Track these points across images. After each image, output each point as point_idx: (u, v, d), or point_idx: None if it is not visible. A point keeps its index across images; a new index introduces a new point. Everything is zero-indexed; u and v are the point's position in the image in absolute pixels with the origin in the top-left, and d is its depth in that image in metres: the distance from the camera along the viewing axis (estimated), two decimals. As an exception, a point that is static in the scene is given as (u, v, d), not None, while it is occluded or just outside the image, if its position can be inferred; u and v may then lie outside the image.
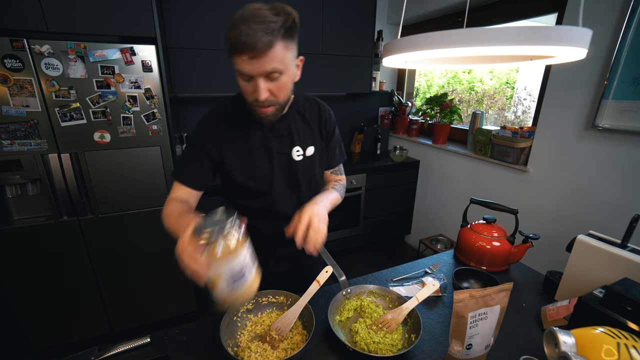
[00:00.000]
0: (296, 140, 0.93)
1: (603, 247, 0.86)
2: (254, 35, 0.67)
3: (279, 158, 0.92)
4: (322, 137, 0.99)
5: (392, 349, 0.76)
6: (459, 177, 2.43)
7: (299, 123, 0.95)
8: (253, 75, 0.73)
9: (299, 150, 0.94)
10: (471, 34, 0.52)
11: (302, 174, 0.96)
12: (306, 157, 0.95)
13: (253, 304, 0.87)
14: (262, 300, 0.88)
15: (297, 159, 0.94)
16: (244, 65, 0.71)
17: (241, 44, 0.68)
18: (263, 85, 0.74)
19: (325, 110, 1.01)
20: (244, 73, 0.73)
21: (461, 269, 1.06)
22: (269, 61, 0.71)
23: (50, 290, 1.66)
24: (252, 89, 0.76)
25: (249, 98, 0.79)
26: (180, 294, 1.95)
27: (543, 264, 1.73)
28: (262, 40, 0.67)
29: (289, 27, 0.71)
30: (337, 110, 2.90)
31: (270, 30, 0.68)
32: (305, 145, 0.95)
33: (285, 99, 0.83)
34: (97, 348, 0.77)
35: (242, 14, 0.70)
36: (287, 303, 0.88)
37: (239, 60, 0.71)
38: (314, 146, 0.96)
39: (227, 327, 0.78)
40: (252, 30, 0.67)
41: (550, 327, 0.64)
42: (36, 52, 1.36)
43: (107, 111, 1.53)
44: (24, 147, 1.44)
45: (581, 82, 1.59)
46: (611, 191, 1.55)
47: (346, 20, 2.37)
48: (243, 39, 0.67)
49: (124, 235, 1.72)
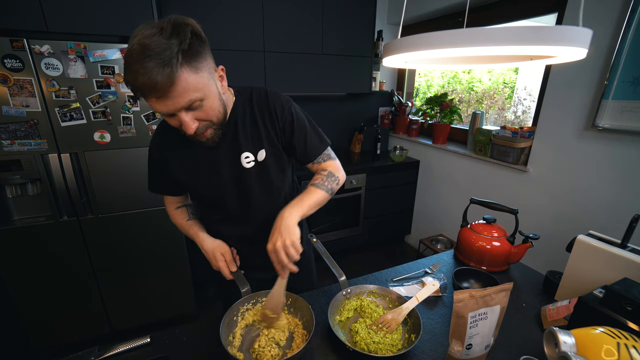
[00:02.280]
0: (244, 146, 0.83)
1: (603, 247, 0.86)
2: (149, 75, 0.58)
3: (227, 168, 0.85)
4: (277, 133, 0.86)
5: (392, 349, 0.76)
6: (459, 177, 2.43)
7: (245, 124, 0.84)
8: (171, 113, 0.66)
9: (249, 156, 0.84)
10: (471, 34, 0.52)
11: (257, 181, 0.87)
12: (258, 162, 0.86)
13: (253, 304, 0.87)
14: (262, 300, 0.88)
15: (247, 167, 0.85)
16: (156, 107, 0.64)
17: (140, 87, 0.60)
18: (186, 117, 0.67)
19: (275, 100, 0.85)
20: (162, 113, 0.66)
21: (461, 269, 1.06)
22: (180, 96, 0.63)
23: (50, 290, 1.65)
24: (178, 123, 0.69)
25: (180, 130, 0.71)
26: (180, 294, 1.95)
27: (543, 264, 1.74)
28: (161, 77, 0.58)
29: (188, 48, 0.61)
30: (337, 110, 2.90)
31: (167, 62, 0.58)
32: (255, 150, 0.85)
33: (221, 118, 0.75)
34: (97, 348, 0.77)
35: (131, 49, 0.59)
36: (287, 303, 0.88)
37: (149, 102, 0.64)
38: (265, 149, 0.85)
39: (227, 327, 0.78)
40: (147, 69, 0.57)
41: (550, 327, 0.64)
42: (36, 52, 1.35)
43: (107, 111, 1.53)
44: (24, 147, 1.44)
45: (581, 82, 1.59)
46: (611, 191, 1.55)
47: (346, 20, 2.37)
48: (140, 81, 0.59)
49: (124, 235, 1.72)
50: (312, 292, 1.01)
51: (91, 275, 1.71)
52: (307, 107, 2.74)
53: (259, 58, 2.17)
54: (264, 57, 2.18)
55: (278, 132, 0.86)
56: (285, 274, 0.77)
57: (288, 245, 0.73)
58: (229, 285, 0.90)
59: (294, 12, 2.18)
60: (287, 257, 0.73)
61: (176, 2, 1.84)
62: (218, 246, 0.89)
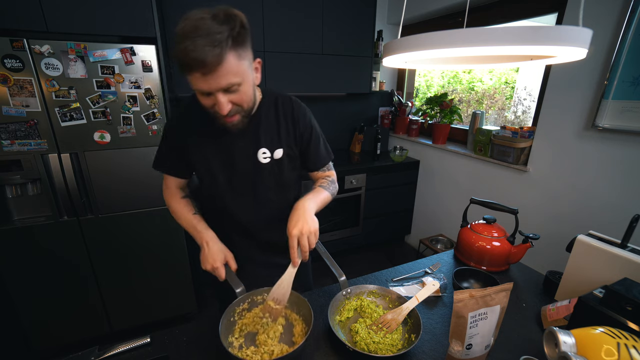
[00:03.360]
0: (263, 142, 0.89)
1: (603, 247, 0.86)
2: (200, 52, 0.62)
3: (243, 160, 0.88)
4: (296, 138, 0.93)
5: (392, 349, 0.76)
6: (459, 177, 2.43)
7: (268, 123, 0.89)
8: (210, 91, 0.70)
9: (266, 152, 0.89)
10: (471, 34, 0.52)
11: (269, 177, 0.92)
12: (274, 159, 0.90)
13: (248, 302, 0.86)
14: (257, 299, 0.87)
15: (263, 162, 0.89)
16: (198, 83, 0.68)
17: (189, 62, 0.64)
18: (223, 99, 0.71)
19: (299, 108, 0.93)
20: (200, 91, 0.70)
21: (461, 269, 1.06)
22: (223, 76, 0.67)
23: (50, 290, 1.65)
24: (212, 102, 0.73)
25: (211, 110, 0.76)
26: (180, 294, 1.95)
27: (543, 264, 1.73)
28: (210, 56, 0.63)
29: (237, 35, 0.66)
30: (337, 110, 2.90)
31: (217, 43, 0.63)
32: (272, 148, 0.90)
33: (250, 105, 0.80)
34: (97, 348, 0.77)
35: (183, 28, 0.64)
36: None
37: (191, 79, 0.68)
38: (283, 149, 0.91)
39: (226, 329, 0.78)
40: (198, 45, 0.62)
41: (550, 327, 0.64)
42: (36, 52, 1.35)
43: (107, 111, 1.53)
44: (24, 147, 1.44)
45: (581, 82, 1.59)
46: (611, 191, 1.55)
47: (346, 20, 2.37)
48: (191, 56, 0.63)
49: (124, 235, 1.72)
50: (312, 292, 1.01)
51: (91, 275, 1.71)
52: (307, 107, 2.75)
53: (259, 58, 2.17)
54: (264, 57, 2.18)
55: (297, 137, 0.93)
56: (298, 262, 0.77)
57: (312, 232, 0.76)
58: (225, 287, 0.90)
59: (294, 12, 2.18)
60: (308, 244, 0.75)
61: (177, 3, 1.84)
62: (222, 250, 0.88)
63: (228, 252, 0.88)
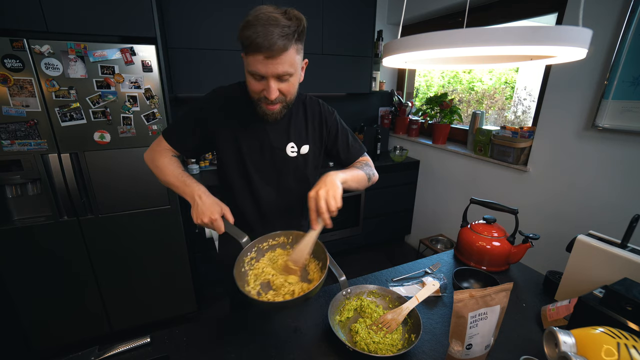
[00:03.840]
0: (292, 137, 0.95)
1: (603, 247, 0.86)
2: (270, 37, 0.70)
3: (272, 152, 0.94)
4: (322, 136, 1.00)
5: (392, 349, 0.76)
6: (459, 177, 2.43)
7: (298, 120, 0.96)
8: (266, 75, 0.76)
9: (294, 147, 0.95)
10: (471, 34, 0.52)
11: (294, 171, 0.97)
12: (300, 154, 0.96)
13: (255, 251, 0.86)
14: (263, 246, 0.88)
15: (290, 155, 0.95)
16: (258, 66, 0.74)
17: (258, 44, 0.70)
18: (274, 85, 0.78)
19: (326, 108, 1.02)
20: (256, 73, 0.76)
21: (461, 269, 1.06)
22: (282, 64, 0.74)
23: (50, 290, 1.65)
24: (262, 87, 0.79)
25: (257, 95, 0.82)
26: (180, 293, 1.95)
27: (543, 264, 1.73)
28: (279, 43, 0.71)
29: (300, 32, 0.75)
30: (337, 110, 2.89)
31: (286, 34, 0.71)
32: (300, 143, 0.96)
33: (292, 98, 0.86)
34: (97, 348, 0.77)
35: (257, 15, 0.72)
36: (289, 241, 0.90)
37: (253, 60, 0.74)
38: (309, 145, 0.98)
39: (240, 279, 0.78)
40: (269, 32, 0.70)
41: (550, 327, 0.64)
42: (36, 52, 1.35)
43: (107, 111, 1.53)
44: (24, 147, 1.44)
45: (581, 82, 1.59)
46: (611, 191, 1.55)
47: (346, 21, 2.37)
48: (260, 40, 0.70)
49: (124, 235, 1.72)
50: (312, 292, 1.01)
51: (91, 275, 1.71)
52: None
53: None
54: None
55: (324, 135, 1.00)
56: (319, 225, 0.77)
57: (330, 195, 0.76)
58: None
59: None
60: (326, 207, 0.74)
61: (177, 3, 1.84)
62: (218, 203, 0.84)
63: (223, 205, 0.84)
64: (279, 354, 0.78)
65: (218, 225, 0.80)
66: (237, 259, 0.80)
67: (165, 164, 0.93)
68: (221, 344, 0.69)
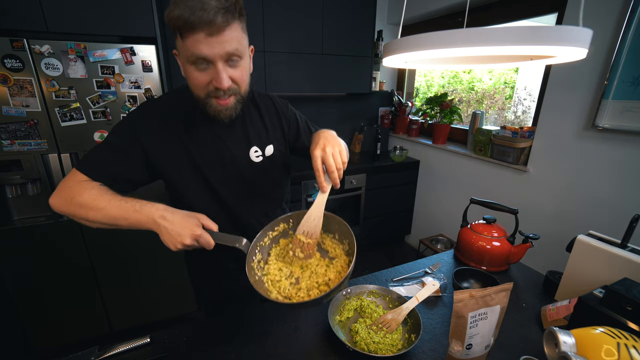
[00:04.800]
0: (253, 140, 0.84)
1: (603, 247, 0.86)
2: (209, 10, 0.58)
3: (234, 162, 0.82)
4: (284, 132, 0.91)
5: (392, 349, 0.76)
6: (459, 177, 2.43)
7: (254, 120, 0.86)
8: (212, 58, 0.64)
9: (257, 150, 0.84)
10: (471, 34, 0.52)
11: (264, 177, 0.87)
12: (266, 157, 0.86)
13: (259, 251, 0.76)
14: (265, 242, 0.78)
15: (256, 161, 0.85)
16: (200, 47, 0.62)
17: (194, 21, 0.59)
18: (223, 70, 0.66)
19: (279, 101, 0.92)
20: (200, 56, 0.63)
21: (461, 269, 1.06)
22: (229, 41, 0.63)
23: (50, 290, 1.65)
24: (210, 77, 0.67)
25: (204, 90, 0.69)
26: (180, 293, 1.95)
27: (543, 264, 1.73)
28: (220, 18, 0.60)
29: (241, 8, 0.64)
30: (337, 110, 2.90)
31: (224, 6, 0.60)
32: (263, 145, 0.86)
33: (246, 90, 0.74)
34: (97, 348, 0.77)
35: None
36: (290, 227, 0.80)
37: (192, 42, 0.61)
38: (273, 144, 0.88)
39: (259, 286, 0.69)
40: (208, 6, 0.58)
41: (550, 327, 0.63)
42: (36, 52, 1.35)
43: (107, 111, 1.53)
44: (24, 147, 1.44)
45: (581, 82, 1.59)
46: (611, 191, 1.55)
47: (346, 21, 2.37)
48: (198, 14, 0.58)
49: (124, 235, 1.72)
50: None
51: (91, 275, 1.71)
52: (307, 107, 2.75)
53: (259, 58, 2.17)
54: (264, 58, 2.18)
55: (284, 131, 0.91)
56: (328, 186, 0.69)
57: (336, 151, 0.69)
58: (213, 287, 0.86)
59: (294, 12, 2.18)
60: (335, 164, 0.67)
61: (176, 2, 1.84)
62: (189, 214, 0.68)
63: (197, 214, 0.69)
64: (279, 353, 0.78)
65: (205, 240, 0.65)
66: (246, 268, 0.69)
67: (94, 196, 0.69)
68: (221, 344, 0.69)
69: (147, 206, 0.69)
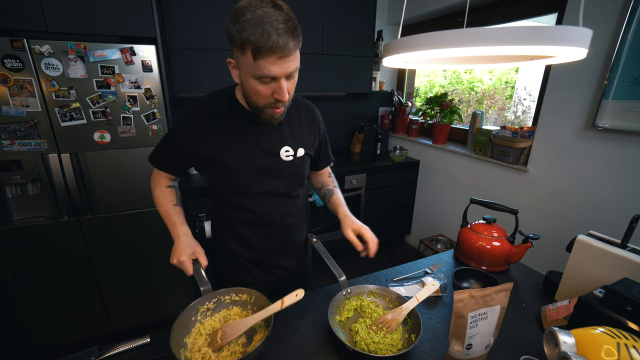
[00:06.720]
0: (287, 140, 0.90)
1: (603, 247, 0.86)
2: (282, 34, 0.65)
3: (265, 157, 0.88)
4: (315, 141, 0.98)
5: (392, 349, 0.76)
6: (459, 177, 2.43)
7: (292, 123, 0.92)
8: (279, 76, 0.71)
9: (289, 150, 0.90)
10: (471, 34, 0.52)
11: (290, 175, 0.93)
12: (297, 158, 0.92)
13: (215, 302, 0.83)
14: (225, 299, 0.84)
15: (285, 160, 0.90)
16: (271, 68, 0.68)
17: (272, 45, 0.65)
18: (286, 85, 0.73)
19: (318, 112, 1.00)
20: (268, 75, 0.70)
21: (461, 269, 1.06)
22: (294, 60, 0.71)
23: (50, 290, 1.66)
24: (272, 90, 0.74)
25: (264, 101, 0.76)
26: (180, 294, 1.95)
27: (543, 264, 1.73)
28: (292, 42, 0.67)
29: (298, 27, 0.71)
30: (337, 110, 2.90)
31: (292, 28, 0.67)
32: (295, 146, 0.92)
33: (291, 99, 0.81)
34: (97, 348, 0.77)
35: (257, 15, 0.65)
36: (250, 301, 0.84)
37: (265, 63, 0.68)
38: (304, 148, 0.94)
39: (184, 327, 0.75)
40: (281, 30, 0.65)
41: (550, 327, 0.64)
42: (36, 52, 1.35)
43: (107, 111, 1.53)
44: (24, 147, 1.44)
45: (581, 82, 1.59)
46: (611, 191, 1.55)
47: (346, 20, 2.37)
48: (274, 39, 0.64)
49: (124, 235, 1.72)
50: (312, 292, 1.01)
51: (91, 275, 1.71)
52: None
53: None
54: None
55: (316, 139, 0.98)
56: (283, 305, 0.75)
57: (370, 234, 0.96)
58: None
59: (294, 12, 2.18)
60: None
61: (177, 3, 1.84)
62: (192, 245, 0.88)
63: (199, 247, 0.87)
64: (279, 353, 0.78)
65: (185, 268, 0.84)
66: (188, 306, 0.77)
67: (158, 196, 0.95)
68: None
69: (177, 224, 0.91)
